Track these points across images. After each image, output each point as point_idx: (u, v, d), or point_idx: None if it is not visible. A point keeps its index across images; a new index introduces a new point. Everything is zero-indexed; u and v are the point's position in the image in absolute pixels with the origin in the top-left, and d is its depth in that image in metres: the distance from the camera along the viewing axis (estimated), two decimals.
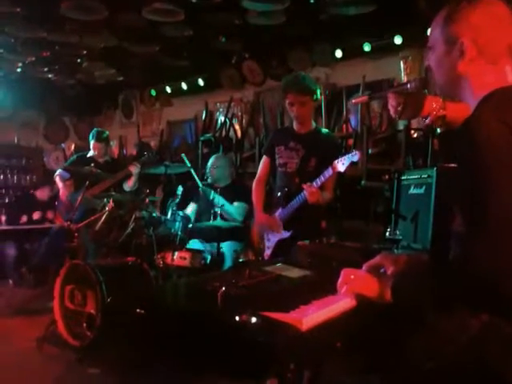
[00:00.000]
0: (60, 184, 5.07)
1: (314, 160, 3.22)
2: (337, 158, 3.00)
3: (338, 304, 1.51)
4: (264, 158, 3.53)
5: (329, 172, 2.97)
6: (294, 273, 1.95)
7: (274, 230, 3.28)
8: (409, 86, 1.84)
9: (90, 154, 5.16)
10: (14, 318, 4.82)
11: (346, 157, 2.95)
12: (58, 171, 5.17)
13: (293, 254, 2.50)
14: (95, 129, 5.35)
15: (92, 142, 5.14)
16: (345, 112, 5.16)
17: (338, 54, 5.13)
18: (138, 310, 3.31)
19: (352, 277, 1.51)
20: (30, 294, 5.79)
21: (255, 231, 3.50)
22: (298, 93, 3.17)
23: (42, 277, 6.16)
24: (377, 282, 1.44)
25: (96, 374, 3.36)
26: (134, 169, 4.85)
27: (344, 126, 5.19)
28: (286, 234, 3.25)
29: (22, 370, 3.45)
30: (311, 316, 1.41)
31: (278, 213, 3.28)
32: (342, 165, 2.94)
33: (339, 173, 3.01)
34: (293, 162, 3.28)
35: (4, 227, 6.16)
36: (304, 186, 3.02)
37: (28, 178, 7.71)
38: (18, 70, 6.38)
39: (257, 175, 3.56)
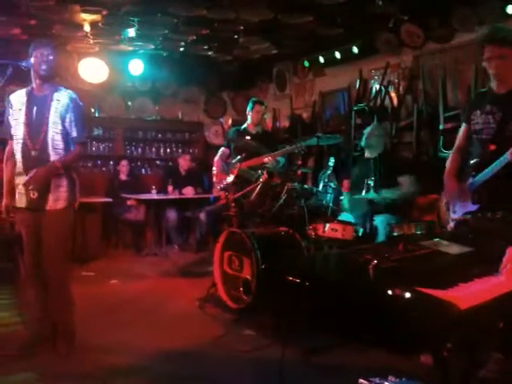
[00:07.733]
0: (216, 157, 5.29)
1: None
2: None
3: (503, 283, 1.39)
4: (463, 125, 3.21)
5: None
6: (453, 249, 1.84)
7: (463, 201, 3.00)
8: None
9: (244, 125, 5.32)
10: (180, 278, 5.31)
11: None
12: (221, 149, 5.37)
13: (454, 229, 2.33)
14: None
15: (251, 108, 5.19)
16: None
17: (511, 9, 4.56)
18: (290, 278, 3.41)
19: None
20: (193, 257, 6.31)
21: (442, 201, 3.31)
22: (495, 45, 2.80)
23: (203, 242, 6.68)
24: None
25: (251, 335, 3.54)
26: (268, 162, 4.80)
27: None
28: (472, 207, 2.94)
29: (185, 325, 3.79)
30: (472, 294, 1.32)
31: (469, 183, 3.00)
32: None
33: None
34: (489, 128, 2.92)
35: (170, 196, 6.73)
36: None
37: (191, 151, 8.30)
38: (181, 49, 6.83)
39: (455, 144, 3.27)
